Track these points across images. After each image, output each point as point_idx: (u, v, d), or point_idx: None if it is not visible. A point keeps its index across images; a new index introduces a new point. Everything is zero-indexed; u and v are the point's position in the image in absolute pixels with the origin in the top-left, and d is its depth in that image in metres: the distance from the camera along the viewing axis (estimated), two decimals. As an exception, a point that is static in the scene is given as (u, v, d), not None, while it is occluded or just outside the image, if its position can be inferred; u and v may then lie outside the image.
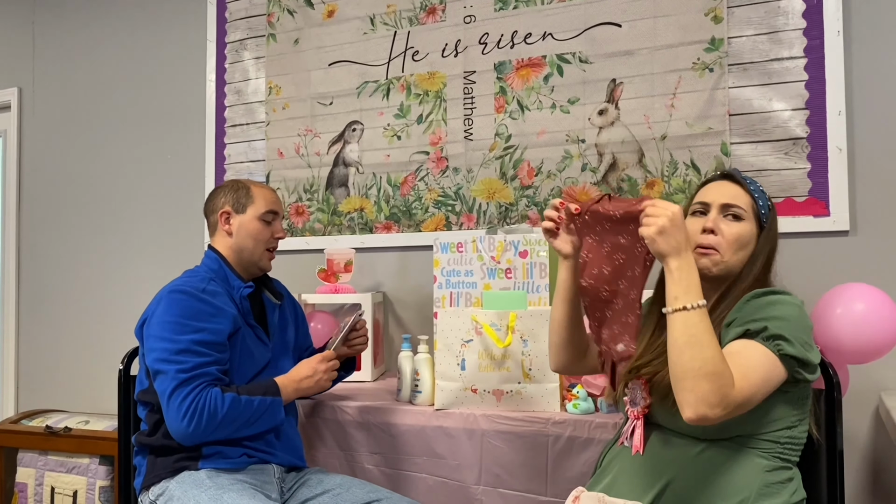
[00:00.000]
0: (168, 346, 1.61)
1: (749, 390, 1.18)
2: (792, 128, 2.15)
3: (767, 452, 1.28)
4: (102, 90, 3.21)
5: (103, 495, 2.65)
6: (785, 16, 2.17)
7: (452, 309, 2.00)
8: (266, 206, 1.85)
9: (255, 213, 1.84)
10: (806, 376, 1.25)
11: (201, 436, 1.58)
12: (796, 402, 1.30)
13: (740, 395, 1.17)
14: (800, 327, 1.26)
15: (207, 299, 1.69)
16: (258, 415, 1.65)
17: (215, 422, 1.57)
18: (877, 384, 2.03)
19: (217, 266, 1.82)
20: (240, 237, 1.83)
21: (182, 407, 1.56)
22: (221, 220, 1.85)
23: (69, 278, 3.24)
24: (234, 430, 1.63)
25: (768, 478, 1.27)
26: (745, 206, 1.40)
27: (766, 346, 1.22)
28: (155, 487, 1.64)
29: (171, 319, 1.64)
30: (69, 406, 3.13)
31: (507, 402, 1.86)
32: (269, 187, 1.93)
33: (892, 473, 2.05)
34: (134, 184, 3.12)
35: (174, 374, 1.58)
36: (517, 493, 1.80)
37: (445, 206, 2.57)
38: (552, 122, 2.42)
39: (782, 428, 1.29)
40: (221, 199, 1.87)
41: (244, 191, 1.86)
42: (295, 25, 2.83)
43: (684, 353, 1.18)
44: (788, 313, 1.26)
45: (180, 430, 1.57)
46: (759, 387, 1.20)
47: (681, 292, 1.20)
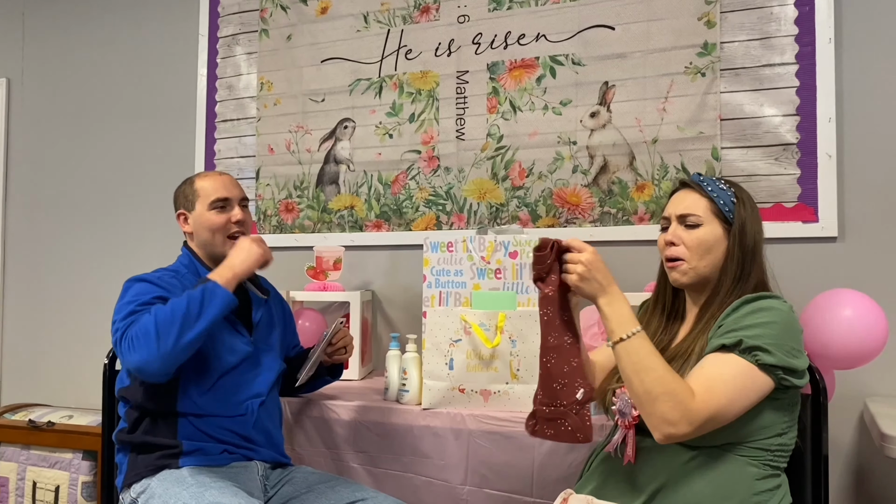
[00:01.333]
0: (115, 318, 1.61)
1: (715, 403, 1.20)
2: (782, 133, 2.16)
3: (757, 460, 1.28)
4: (92, 83, 3.19)
5: (86, 491, 2.63)
6: (777, 22, 2.17)
7: (441, 308, 2.00)
8: (212, 194, 1.80)
9: (203, 206, 1.80)
10: (794, 382, 1.26)
11: (154, 357, 1.50)
12: (786, 408, 1.30)
13: (705, 408, 1.19)
14: (785, 334, 1.26)
15: (162, 285, 1.68)
16: (197, 304, 1.56)
17: (152, 336, 1.51)
18: (862, 390, 2.04)
19: (188, 261, 1.82)
20: (198, 232, 1.81)
21: (123, 345, 1.53)
22: (180, 222, 1.85)
23: (54, 272, 3.21)
24: (182, 328, 1.52)
25: (758, 485, 1.27)
26: (700, 212, 1.41)
27: (744, 359, 1.23)
28: (136, 485, 1.62)
29: (125, 300, 1.64)
30: (53, 400, 3.10)
31: (495, 403, 1.85)
32: (216, 174, 1.85)
33: (876, 479, 2.06)
34: (122, 177, 3.10)
35: (117, 328, 1.57)
36: (503, 493, 1.80)
37: (436, 206, 2.57)
38: (544, 123, 2.42)
39: (773, 435, 1.29)
40: (176, 202, 1.87)
41: (190, 187, 1.84)
42: (288, 21, 2.81)
43: (633, 381, 1.23)
44: (771, 320, 1.26)
45: (132, 362, 1.52)
46: (732, 399, 1.21)
47: (615, 326, 1.27)
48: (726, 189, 1.42)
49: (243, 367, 1.76)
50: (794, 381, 1.25)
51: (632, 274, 2.07)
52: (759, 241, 1.39)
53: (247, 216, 1.86)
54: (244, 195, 1.88)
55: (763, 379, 1.23)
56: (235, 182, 1.87)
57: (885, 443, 1.60)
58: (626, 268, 2.13)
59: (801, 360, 1.26)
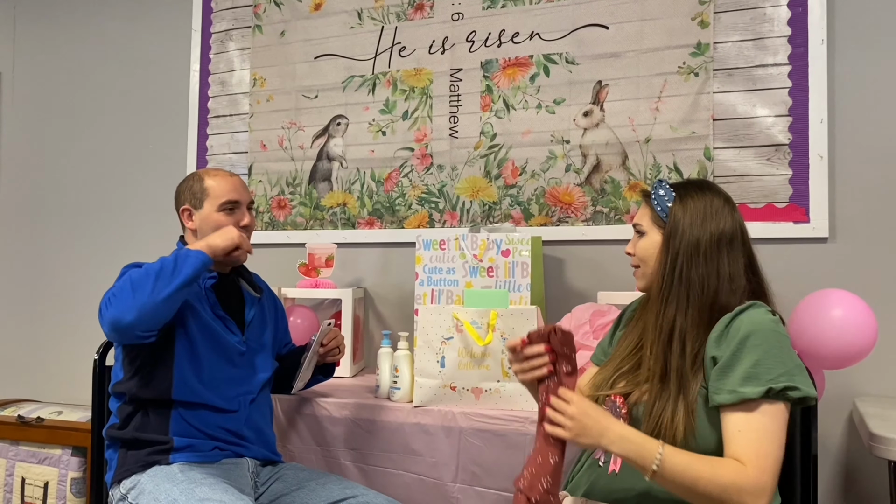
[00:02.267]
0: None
1: (772, 463, 1.16)
2: (774, 134, 2.17)
3: None
4: (84, 77, 3.17)
5: (75, 487, 2.62)
6: (770, 23, 2.18)
7: (433, 306, 2.00)
8: (224, 195, 1.78)
9: (212, 207, 1.78)
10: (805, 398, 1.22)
11: (128, 308, 1.50)
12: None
13: (764, 475, 1.14)
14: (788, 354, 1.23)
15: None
16: (171, 263, 1.55)
17: (127, 291, 1.51)
18: (851, 390, 2.05)
19: None
20: (203, 231, 1.77)
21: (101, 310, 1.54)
22: (184, 217, 1.82)
23: (44, 267, 3.19)
24: (156, 282, 1.52)
25: None
26: (644, 221, 1.42)
27: (776, 404, 1.20)
28: (126, 481, 1.61)
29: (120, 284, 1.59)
30: (42, 396, 3.09)
31: (486, 401, 1.85)
32: (227, 175, 1.83)
33: (865, 479, 2.07)
34: (114, 173, 3.09)
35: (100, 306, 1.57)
36: (494, 491, 1.80)
37: (429, 204, 2.57)
38: (537, 121, 2.43)
39: None
40: (181, 197, 1.83)
41: (199, 185, 1.80)
42: (281, 17, 2.81)
43: (691, 497, 1.17)
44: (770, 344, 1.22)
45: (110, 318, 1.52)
46: (781, 446, 1.18)
47: (638, 459, 1.20)
48: (667, 193, 1.39)
49: (236, 366, 1.76)
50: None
51: (623, 273, 2.07)
52: (702, 240, 1.32)
53: (253, 219, 1.85)
54: (252, 198, 1.87)
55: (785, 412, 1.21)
56: (245, 184, 1.85)
57: (873, 443, 1.61)
58: (618, 267, 2.14)
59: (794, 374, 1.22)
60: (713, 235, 1.32)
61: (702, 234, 1.32)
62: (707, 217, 1.33)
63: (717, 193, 1.37)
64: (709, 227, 1.32)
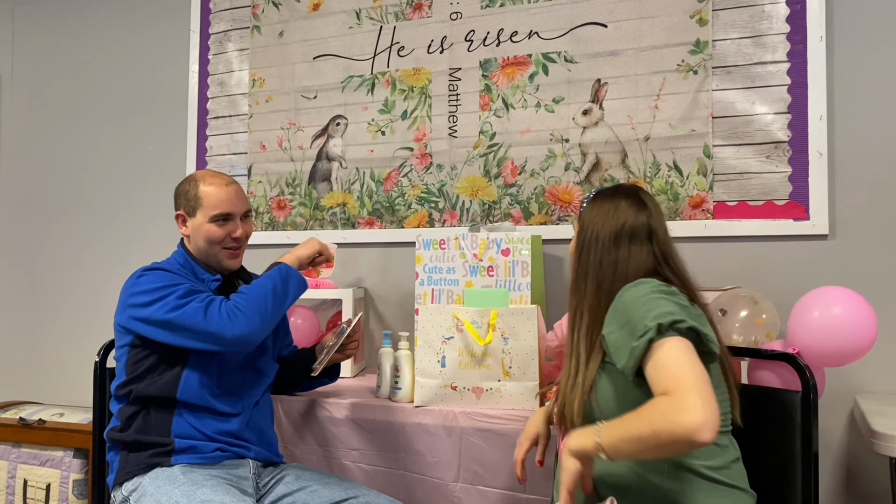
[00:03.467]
0: (174, 295, 1.63)
1: (690, 382, 1.15)
2: (774, 131, 2.17)
3: None
4: (83, 79, 3.17)
5: (77, 489, 2.62)
6: (769, 20, 2.18)
7: (434, 306, 2.00)
8: (215, 208, 1.77)
9: (204, 217, 1.77)
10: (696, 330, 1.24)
11: (257, 328, 1.64)
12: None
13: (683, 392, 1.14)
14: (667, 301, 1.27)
15: (175, 271, 1.73)
16: (276, 283, 1.71)
17: (251, 312, 1.63)
18: (852, 387, 2.05)
19: (184, 260, 1.81)
20: (195, 239, 1.80)
21: (222, 314, 1.61)
22: (178, 222, 1.84)
23: (45, 269, 3.19)
24: (270, 307, 1.68)
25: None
26: (574, 227, 1.54)
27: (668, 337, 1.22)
28: (128, 483, 1.61)
29: (160, 284, 1.65)
30: (44, 398, 3.09)
31: (487, 400, 1.85)
32: (223, 184, 1.80)
33: (867, 476, 2.07)
34: (114, 174, 3.09)
35: (197, 304, 1.61)
36: (495, 490, 1.80)
37: (428, 203, 2.57)
38: (536, 120, 2.42)
39: None
40: (177, 199, 1.84)
41: (193, 193, 1.79)
42: (280, 18, 2.80)
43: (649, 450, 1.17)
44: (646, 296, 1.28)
45: (236, 335, 1.60)
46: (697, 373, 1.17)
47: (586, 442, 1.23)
48: (587, 199, 1.52)
49: (242, 370, 1.77)
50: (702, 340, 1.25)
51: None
52: (601, 234, 1.43)
53: (248, 228, 1.86)
54: (248, 208, 1.86)
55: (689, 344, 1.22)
56: (241, 193, 1.84)
57: (875, 440, 1.61)
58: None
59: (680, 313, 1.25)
60: (613, 230, 1.42)
61: (602, 229, 1.43)
62: (610, 215, 1.44)
63: (627, 196, 1.46)
64: (610, 223, 1.43)
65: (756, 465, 1.52)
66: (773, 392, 1.58)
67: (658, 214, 1.46)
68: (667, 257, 1.42)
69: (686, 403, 1.12)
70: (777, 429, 1.52)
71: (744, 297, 1.83)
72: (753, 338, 1.76)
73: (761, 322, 1.78)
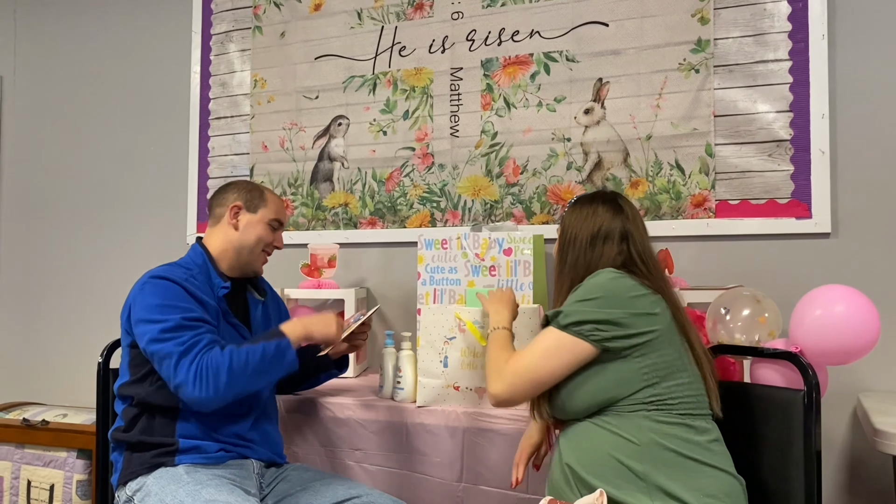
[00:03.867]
0: (159, 326, 1.59)
1: (523, 362, 1.45)
2: (776, 130, 2.17)
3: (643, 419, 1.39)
4: (85, 80, 3.17)
5: (80, 489, 2.62)
6: (771, 18, 2.18)
7: (436, 306, 2.00)
8: (276, 213, 1.88)
9: (264, 217, 1.85)
10: (604, 333, 1.39)
11: (216, 396, 1.57)
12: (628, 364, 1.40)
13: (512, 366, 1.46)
14: (585, 295, 1.43)
15: (191, 288, 1.69)
16: (266, 360, 1.62)
17: (221, 379, 1.56)
18: (855, 385, 2.05)
19: (201, 261, 1.80)
20: (245, 234, 1.82)
21: (189, 374, 1.55)
22: (230, 213, 1.84)
23: (48, 269, 3.20)
24: (247, 381, 1.61)
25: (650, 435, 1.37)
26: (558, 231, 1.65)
27: (552, 326, 1.45)
28: (132, 483, 1.62)
29: (157, 302, 1.63)
30: (47, 399, 3.09)
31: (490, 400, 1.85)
32: (279, 197, 1.96)
33: (869, 474, 2.07)
34: (116, 175, 3.09)
35: (174, 349, 1.57)
36: (498, 490, 1.80)
37: (430, 203, 2.57)
38: (538, 120, 2.42)
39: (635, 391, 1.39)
40: (234, 194, 1.86)
41: (258, 192, 1.87)
42: (281, 18, 2.81)
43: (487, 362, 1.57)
44: (581, 290, 1.45)
45: (194, 396, 1.56)
46: (539, 357, 1.44)
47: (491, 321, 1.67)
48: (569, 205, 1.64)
49: None
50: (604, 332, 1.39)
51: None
52: (579, 236, 1.56)
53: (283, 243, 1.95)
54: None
55: (572, 342, 1.41)
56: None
57: (877, 438, 1.61)
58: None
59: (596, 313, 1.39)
60: (589, 232, 1.55)
61: (580, 231, 1.56)
62: (587, 219, 1.56)
63: (605, 202, 1.59)
64: (586, 226, 1.56)
65: (759, 463, 1.52)
66: (776, 391, 1.58)
67: (634, 218, 1.57)
68: (643, 258, 1.53)
69: (502, 375, 1.47)
70: (780, 427, 1.52)
71: (746, 296, 1.83)
72: (756, 336, 1.76)
73: (763, 321, 1.78)
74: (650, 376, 1.39)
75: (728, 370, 1.81)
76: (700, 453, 1.36)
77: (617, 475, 1.35)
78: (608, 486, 1.34)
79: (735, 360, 1.82)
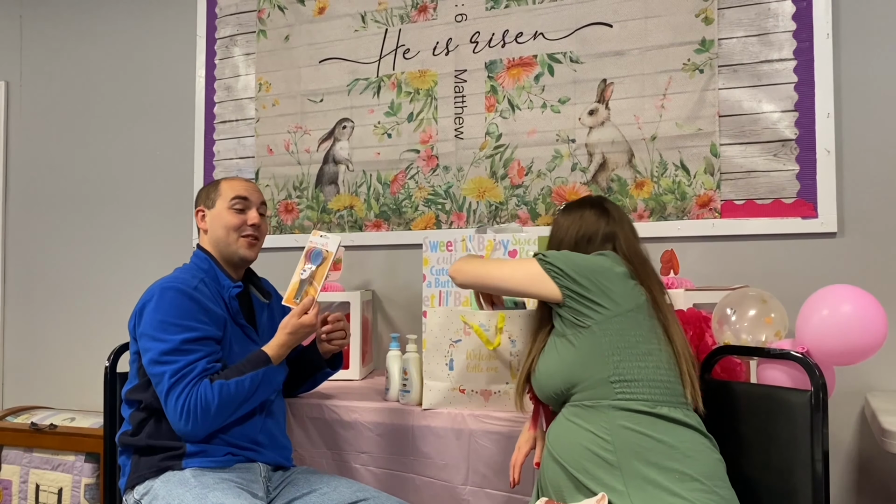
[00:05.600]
0: (160, 347, 1.62)
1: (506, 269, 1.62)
2: (781, 129, 2.16)
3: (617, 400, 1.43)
4: (90, 85, 3.19)
5: (88, 493, 2.63)
6: (775, 18, 2.17)
7: (441, 308, 2.00)
8: (232, 193, 1.85)
9: (223, 204, 1.85)
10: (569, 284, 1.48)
11: (202, 430, 1.61)
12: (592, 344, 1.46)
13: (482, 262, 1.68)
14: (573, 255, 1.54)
15: (199, 298, 1.69)
16: (254, 389, 1.65)
17: (210, 414, 1.59)
18: (862, 385, 2.05)
19: (207, 265, 1.82)
20: (213, 229, 1.85)
21: (177, 408, 1.58)
22: (198, 218, 1.89)
23: (55, 274, 3.21)
24: (234, 411, 1.64)
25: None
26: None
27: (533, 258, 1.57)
28: (139, 487, 1.62)
29: (162, 318, 1.65)
30: (55, 403, 3.11)
31: (495, 403, 1.85)
32: (241, 179, 1.94)
33: (877, 473, 2.06)
34: (122, 179, 3.10)
35: (167, 377, 1.60)
36: (504, 493, 1.80)
37: (435, 205, 2.57)
38: (542, 121, 2.42)
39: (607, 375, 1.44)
40: (197, 200, 1.92)
41: (213, 187, 1.90)
42: (285, 22, 2.81)
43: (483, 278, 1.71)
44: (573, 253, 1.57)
45: (180, 429, 1.60)
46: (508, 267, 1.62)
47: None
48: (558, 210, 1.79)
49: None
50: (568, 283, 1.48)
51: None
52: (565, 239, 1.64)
53: (264, 224, 1.91)
54: (263, 200, 1.93)
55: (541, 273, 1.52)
56: (258, 189, 1.93)
57: (885, 438, 1.60)
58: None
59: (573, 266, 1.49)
60: (574, 236, 1.63)
61: (566, 235, 1.64)
62: (574, 223, 1.64)
63: (592, 206, 1.66)
64: (572, 230, 1.64)
65: (766, 464, 1.52)
66: (783, 391, 1.57)
67: (621, 221, 1.64)
68: (628, 257, 1.57)
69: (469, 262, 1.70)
70: (787, 428, 1.51)
71: (752, 296, 1.82)
72: (762, 337, 1.75)
73: (770, 321, 1.77)
74: (611, 351, 1.44)
75: (734, 371, 1.80)
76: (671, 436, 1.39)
77: (597, 466, 1.39)
78: (590, 479, 1.38)
79: (741, 361, 1.81)
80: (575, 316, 1.49)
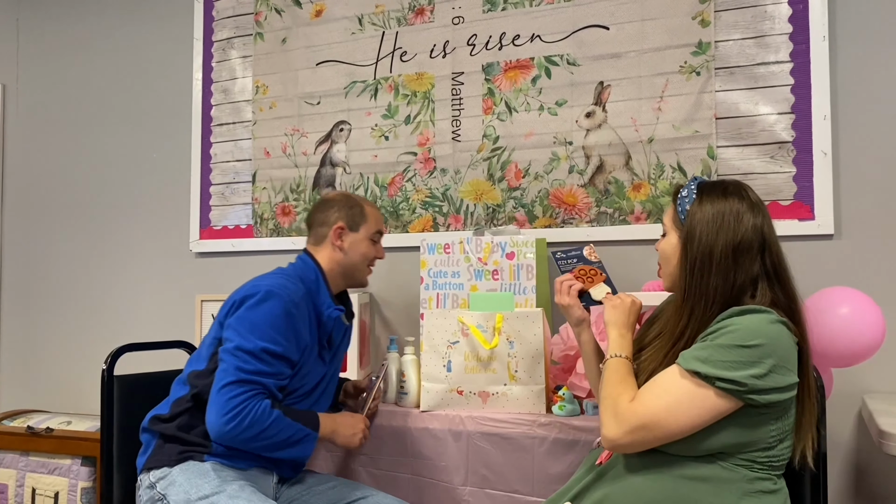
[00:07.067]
0: (241, 343, 1.60)
1: (649, 409, 1.23)
2: (778, 132, 2.17)
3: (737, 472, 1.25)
4: (88, 88, 3.18)
5: (85, 497, 2.62)
6: (772, 20, 2.18)
7: (439, 310, 2.00)
8: (376, 226, 1.90)
9: (367, 233, 1.87)
10: (757, 400, 1.20)
11: (236, 439, 1.56)
12: (766, 423, 1.25)
13: (636, 412, 1.24)
14: (730, 346, 1.21)
15: (296, 317, 1.67)
16: (293, 441, 1.63)
17: (254, 431, 1.55)
18: (860, 387, 2.05)
19: (314, 277, 1.80)
20: (351, 254, 1.85)
21: (228, 404, 1.54)
22: (334, 234, 1.84)
23: (52, 277, 3.21)
24: (266, 446, 1.61)
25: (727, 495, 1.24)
26: (667, 221, 1.43)
27: (701, 383, 1.21)
28: (156, 471, 1.63)
29: (256, 319, 1.62)
30: (51, 406, 3.10)
31: (493, 404, 1.85)
32: (376, 206, 1.96)
33: (875, 475, 2.06)
34: (119, 182, 3.10)
35: (234, 369, 1.57)
36: (504, 493, 1.80)
37: (433, 207, 2.57)
38: (540, 123, 2.43)
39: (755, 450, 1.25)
40: (335, 213, 1.86)
41: (358, 209, 1.88)
42: (282, 24, 2.81)
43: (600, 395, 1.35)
44: (727, 334, 1.23)
45: (218, 425, 1.55)
46: (670, 408, 1.22)
47: (610, 347, 1.41)
48: (689, 194, 1.37)
49: (317, 391, 1.80)
50: (757, 399, 1.20)
51: (628, 273, 2.07)
52: (715, 250, 1.29)
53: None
54: None
55: (710, 395, 1.20)
56: None
57: (883, 440, 1.60)
58: (623, 268, 2.13)
59: (741, 372, 1.19)
60: (727, 245, 1.29)
61: (716, 242, 1.29)
62: (723, 224, 1.30)
63: (740, 198, 1.33)
64: (723, 236, 1.29)
65: (764, 466, 1.51)
66: (781, 393, 1.57)
67: (768, 217, 1.33)
68: (777, 271, 1.33)
69: (621, 418, 1.26)
70: (785, 430, 1.51)
71: (750, 298, 1.83)
72: (760, 339, 1.76)
73: (768, 323, 1.78)
74: (775, 438, 1.26)
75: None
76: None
77: None
78: None
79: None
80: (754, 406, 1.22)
